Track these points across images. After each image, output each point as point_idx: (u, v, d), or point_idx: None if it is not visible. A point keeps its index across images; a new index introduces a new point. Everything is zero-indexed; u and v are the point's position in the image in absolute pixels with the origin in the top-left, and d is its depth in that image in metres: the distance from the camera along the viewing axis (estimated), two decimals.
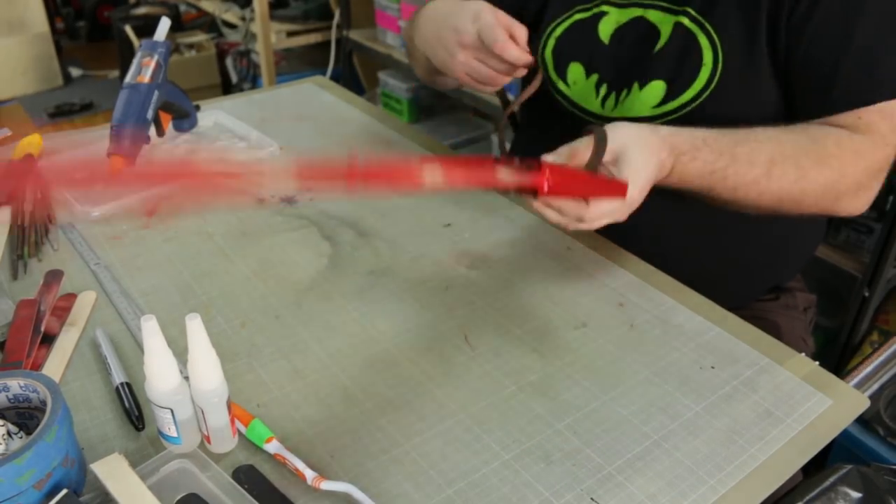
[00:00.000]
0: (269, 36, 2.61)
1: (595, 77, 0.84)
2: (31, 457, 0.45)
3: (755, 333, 0.67)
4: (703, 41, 0.77)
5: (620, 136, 0.65)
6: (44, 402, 0.49)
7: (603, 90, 0.83)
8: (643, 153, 0.65)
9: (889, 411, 1.02)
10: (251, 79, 3.02)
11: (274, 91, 1.20)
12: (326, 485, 0.51)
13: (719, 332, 0.67)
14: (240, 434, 0.56)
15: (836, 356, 1.41)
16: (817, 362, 0.63)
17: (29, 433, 0.50)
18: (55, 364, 0.62)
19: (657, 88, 0.80)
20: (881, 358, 1.10)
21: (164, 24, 0.91)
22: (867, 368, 1.08)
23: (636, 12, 0.82)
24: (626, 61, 0.82)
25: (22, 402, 0.52)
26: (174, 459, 0.53)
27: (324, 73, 2.64)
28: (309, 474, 0.51)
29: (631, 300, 0.71)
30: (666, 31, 0.80)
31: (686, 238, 0.83)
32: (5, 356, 0.62)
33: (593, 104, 0.84)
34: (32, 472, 0.46)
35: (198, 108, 1.02)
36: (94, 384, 0.61)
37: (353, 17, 2.56)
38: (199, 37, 3.20)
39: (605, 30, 0.84)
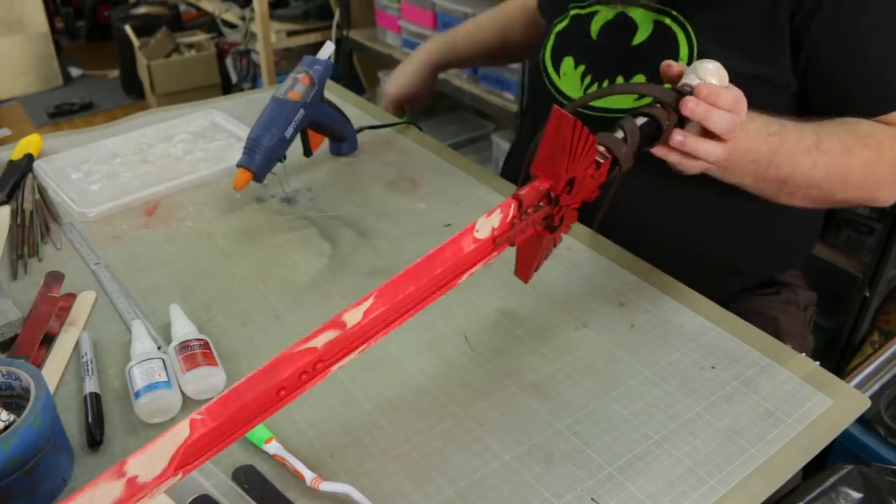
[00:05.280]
0: (269, 36, 2.61)
1: (582, 68, 0.88)
2: (17, 442, 0.46)
3: (756, 333, 0.67)
4: (681, 38, 0.79)
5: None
6: (27, 390, 0.50)
7: (587, 81, 0.87)
8: None
9: (890, 411, 1.02)
10: (251, 78, 3.02)
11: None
12: (325, 486, 0.51)
13: (720, 332, 0.67)
14: None
15: (837, 356, 1.41)
16: (818, 362, 0.63)
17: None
18: (55, 364, 0.62)
19: (640, 81, 0.82)
20: (882, 358, 1.10)
21: (328, 48, 0.91)
22: (868, 368, 1.08)
23: (620, 9, 0.86)
24: (608, 53, 0.86)
25: (4, 390, 0.53)
26: None
27: None
28: (308, 475, 0.51)
29: (631, 300, 0.71)
30: (646, 27, 0.83)
31: (675, 224, 0.84)
32: (16, 348, 0.63)
33: (577, 92, 0.88)
34: (19, 457, 0.47)
35: (359, 130, 1.00)
36: None
37: (353, 17, 2.56)
38: (199, 36, 3.20)
39: (595, 26, 0.88)
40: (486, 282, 0.73)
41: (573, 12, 0.91)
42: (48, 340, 0.65)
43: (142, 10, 3.37)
